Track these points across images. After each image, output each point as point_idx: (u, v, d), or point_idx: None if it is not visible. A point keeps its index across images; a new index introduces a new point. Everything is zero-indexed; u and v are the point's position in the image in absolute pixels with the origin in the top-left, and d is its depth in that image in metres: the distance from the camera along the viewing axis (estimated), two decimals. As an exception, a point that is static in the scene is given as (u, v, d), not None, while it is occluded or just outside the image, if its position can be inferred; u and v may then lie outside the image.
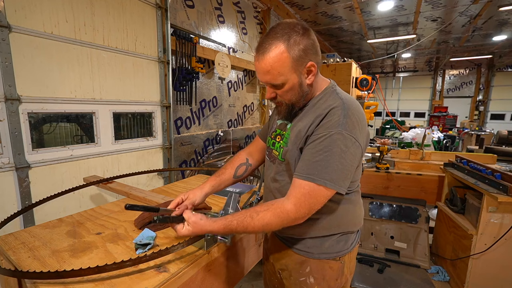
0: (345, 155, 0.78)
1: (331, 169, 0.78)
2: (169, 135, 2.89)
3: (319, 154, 0.79)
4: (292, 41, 0.77)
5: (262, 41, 0.81)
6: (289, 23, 0.80)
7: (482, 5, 5.13)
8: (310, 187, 0.79)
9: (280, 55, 0.77)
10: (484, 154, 3.05)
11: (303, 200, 0.80)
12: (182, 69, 2.95)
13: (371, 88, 3.98)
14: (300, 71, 0.82)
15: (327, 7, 5.36)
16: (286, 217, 0.80)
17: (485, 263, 2.00)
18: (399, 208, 2.56)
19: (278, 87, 0.84)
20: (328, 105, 0.85)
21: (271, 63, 0.78)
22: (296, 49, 0.78)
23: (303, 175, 0.80)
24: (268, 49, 0.78)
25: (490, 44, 8.29)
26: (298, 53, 0.78)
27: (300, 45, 0.78)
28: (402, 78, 13.35)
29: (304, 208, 0.80)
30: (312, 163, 0.80)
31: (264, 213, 0.81)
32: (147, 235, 1.00)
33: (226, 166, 1.17)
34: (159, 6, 2.65)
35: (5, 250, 0.96)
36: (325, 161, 0.78)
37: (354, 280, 2.17)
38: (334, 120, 0.80)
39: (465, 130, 7.80)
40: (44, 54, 1.87)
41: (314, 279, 0.96)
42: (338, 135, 0.78)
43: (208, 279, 1.01)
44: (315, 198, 0.80)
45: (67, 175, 2.06)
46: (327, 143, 0.79)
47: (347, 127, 0.79)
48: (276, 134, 1.01)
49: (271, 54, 0.78)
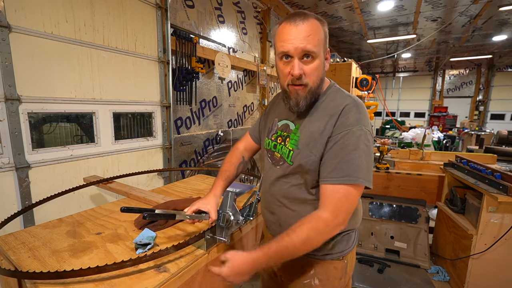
0: (369, 150, 0.80)
1: (362, 166, 0.77)
2: (169, 135, 2.89)
3: (347, 154, 0.78)
4: (321, 22, 0.83)
5: (292, 15, 0.82)
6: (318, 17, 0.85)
7: (482, 5, 5.13)
8: (345, 189, 0.77)
9: (317, 25, 0.81)
10: (484, 154, 3.05)
11: (340, 205, 0.78)
12: (182, 69, 2.95)
13: (371, 88, 3.98)
14: (324, 53, 0.85)
15: (327, 7, 5.36)
16: (325, 227, 0.77)
17: (485, 263, 2.00)
18: (399, 208, 2.56)
19: (310, 58, 0.81)
20: (339, 103, 0.85)
21: (312, 28, 0.79)
22: (325, 30, 0.84)
23: (336, 179, 0.78)
24: (306, 18, 0.80)
25: (490, 44, 8.29)
26: (325, 34, 0.84)
27: (326, 29, 0.85)
28: (402, 78, 13.35)
29: (343, 213, 0.78)
30: (342, 164, 0.78)
31: (300, 228, 0.77)
32: (147, 235, 1.00)
33: (228, 167, 1.15)
34: (159, 6, 2.65)
35: (5, 250, 0.96)
36: (355, 159, 0.77)
37: (354, 280, 2.17)
38: (352, 117, 0.80)
39: (465, 130, 7.81)
40: (44, 54, 1.87)
41: (319, 280, 0.95)
42: (360, 131, 0.79)
43: (208, 279, 1.01)
44: (351, 199, 0.78)
45: (67, 175, 2.06)
46: (353, 141, 0.78)
47: (364, 122, 0.81)
48: (277, 135, 0.98)
49: (310, 22, 0.80)
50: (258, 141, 1.19)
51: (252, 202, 1.28)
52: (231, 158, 1.18)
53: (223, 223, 0.96)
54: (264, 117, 1.14)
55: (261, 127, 1.15)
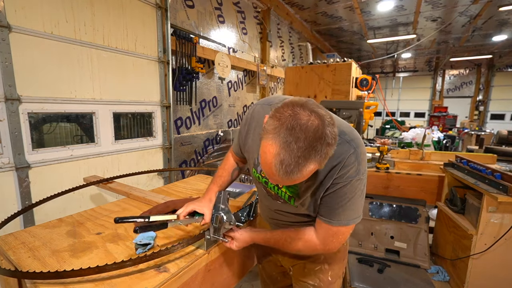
0: (363, 193, 0.85)
1: (355, 209, 0.85)
2: (169, 135, 2.89)
3: (344, 201, 0.82)
4: (324, 156, 0.64)
5: (286, 156, 0.62)
6: (320, 134, 0.62)
7: (482, 5, 5.13)
8: (338, 229, 0.86)
9: (310, 172, 0.66)
10: (484, 154, 3.05)
11: (331, 240, 0.88)
12: (182, 69, 2.95)
13: (371, 88, 3.98)
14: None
15: (327, 7, 5.37)
16: (315, 249, 0.92)
17: (485, 263, 2.00)
18: (399, 208, 2.56)
19: None
20: (339, 153, 0.77)
21: (304, 177, 0.66)
22: (324, 160, 0.66)
23: (329, 220, 0.85)
24: (297, 171, 0.63)
25: (490, 44, 8.29)
26: (324, 160, 0.66)
27: (329, 154, 0.66)
28: (402, 78, 13.35)
29: (332, 245, 0.89)
30: (337, 209, 0.83)
31: (297, 242, 0.91)
32: (147, 235, 1.00)
33: (222, 174, 1.15)
34: (159, 6, 2.65)
35: (5, 250, 0.96)
36: (350, 204, 0.83)
37: (354, 280, 2.16)
38: (352, 169, 0.79)
39: (465, 130, 7.80)
40: (44, 54, 1.87)
41: (328, 265, 1.07)
42: (357, 182, 0.81)
43: (208, 279, 1.01)
44: (342, 235, 0.88)
45: (67, 175, 2.06)
46: (349, 190, 0.81)
47: (362, 170, 0.81)
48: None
49: (302, 176, 0.65)
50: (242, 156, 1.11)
51: (252, 202, 1.28)
52: (225, 165, 1.17)
53: (215, 223, 0.95)
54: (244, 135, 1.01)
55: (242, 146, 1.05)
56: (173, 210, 1.24)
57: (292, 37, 6.08)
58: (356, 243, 2.58)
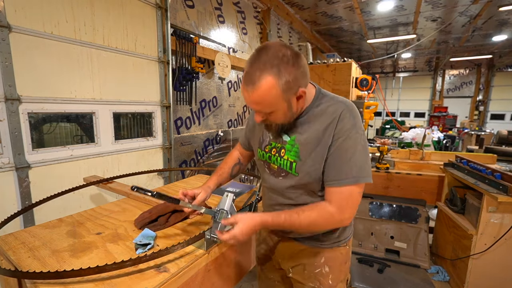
0: (365, 150, 0.87)
1: (361, 165, 0.84)
2: (169, 135, 2.89)
3: (348, 156, 0.84)
4: (281, 74, 0.74)
5: (249, 69, 0.76)
6: (277, 50, 0.75)
7: (482, 5, 5.13)
8: (348, 189, 0.84)
9: (270, 90, 0.75)
10: (484, 154, 3.05)
11: (345, 203, 0.85)
12: (182, 69, 2.95)
13: (371, 88, 3.98)
14: (290, 98, 0.81)
15: (327, 7, 5.37)
16: (331, 218, 0.86)
17: (485, 263, 2.00)
18: (399, 208, 2.56)
19: (268, 114, 0.85)
20: (332, 110, 0.87)
21: (261, 96, 0.76)
22: (285, 81, 0.75)
23: (339, 181, 0.85)
24: (257, 81, 0.75)
25: (490, 44, 8.29)
26: (288, 85, 0.76)
27: (290, 77, 0.75)
28: (402, 78, 13.34)
29: (348, 210, 0.86)
30: (343, 166, 0.84)
31: (310, 212, 0.86)
32: (147, 235, 1.00)
33: (223, 166, 1.23)
34: (159, 6, 2.65)
35: (5, 250, 0.96)
36: (355, 160, 0.84)
37: (354, 280, 2.17)
38: (348, 123, 0.85)
39: (465, 130, 7.80)
40: (44, 54, 1.87)
41: (329, 267, 1.03)
42: (356, 135, 0.85)
43: (208, 279, 1.01)
44: (355, 197, 0.85)
45: (67, 175, 2.06)
46: (350, 144, 0.84)
47: (358, 125, 0.86)
48: (272, 147, 0.99)
49: (261, 88, 0.75)
50: (249, 148, 1.21)
51: (252, 202, 1.28)
52: (227, 160, 1.26)
53: (219, 219, 0.97)
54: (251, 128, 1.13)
55: (249, 135, 1.16)
56: (173, 210, 1.24)
57: (292, 37, 6.08)
58: (356, 243, 2.58)
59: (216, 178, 1.17)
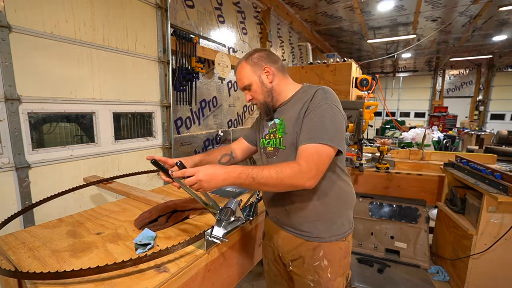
0: (334, 119, 0.96)
1: (327, 130, 0.93)
2: (169, 135, 2.89)
3: (314, 122, 0.96)
4: (249, 57, 1.11)
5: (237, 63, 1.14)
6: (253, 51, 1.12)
7: (482, 5, 5.13)
8: (314, 147, 0.92)
9: (245, 66, 1.10)
10: (484, 154, 3.05)
11: (311, 158, 0.91)
12: (182, 69, 2.95)
13: (371, 88, 3.98)
14: (259, 74, 1.09)
15: (327, 7, 5.37)
16: (299, 171, 0.89)
17: (485, 263, 2.00)
18: (399, 208, 2.56)
19: (248, 88, 1.10)
20: (310, 92, 1.05)
21: (239, 72, 1.12)
22: (251, 60, 1.09)
23: (306, 141, 0.94)
24: (238, 65, 1.13)
25: (490, 44, 8.29)
26: (253, 62, 1.09)
27: (254, 57, 1.10)
28: (402, 78, 13.34)
29: (313, 164, 0.90)
30: (310, 130, 0.95)
31: (281, 165, 0.91)
32: (147, 235, 1.00)
33: (214, 150, 1.33)
34: (159, 6, 2.65)
35: (5, 250, 0.96)
36: (320, 125, 0.94)
37: (354, 280, 2.17)
38: (319, 97, 1.00)
39: (465, 130, 7.80)
40: (44, 54, 1.87)
41: (327, 261, 1.06)
42: (325, 105, 0.97)
43: (208, 279, 1.01)
44: (320, 156, 0.91)
45: (67, 175, 2.06)
46: (318, 112, 0.97)
47: (330, 99, 0.99)
48: (269, 133, 1.16)
49: (240, 67, 1.11)
50: (252, 142, 1.34)
51: (252, 202, 1.28)
52: (220, 148, 1.37)
53: (225, 216, 0.99)
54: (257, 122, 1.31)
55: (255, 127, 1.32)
56: (173, 210, 1.24)
57: (292, 37, 6.08)
58: (356, 243, 2.58)
59: (203, 155, 1.24)
